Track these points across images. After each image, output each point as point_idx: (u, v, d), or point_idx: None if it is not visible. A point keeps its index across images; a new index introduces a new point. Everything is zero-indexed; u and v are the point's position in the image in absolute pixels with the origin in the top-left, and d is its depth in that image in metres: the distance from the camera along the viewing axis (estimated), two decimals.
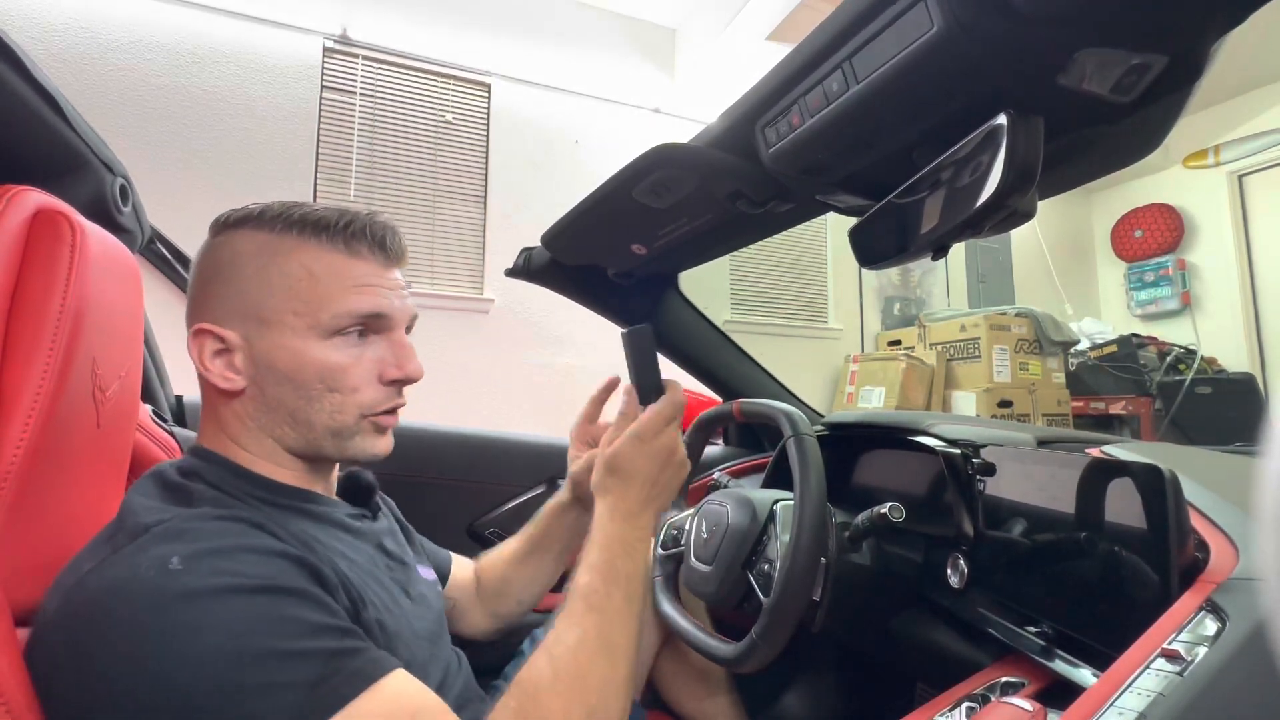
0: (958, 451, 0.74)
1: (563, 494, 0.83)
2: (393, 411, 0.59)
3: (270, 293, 0.53)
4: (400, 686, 0.43)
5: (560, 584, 0.97)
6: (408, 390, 0.60)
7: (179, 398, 1.07)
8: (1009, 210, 0.47)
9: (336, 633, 0.43)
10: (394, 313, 0.57)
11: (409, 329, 0.62)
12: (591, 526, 0.60)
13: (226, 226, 0.56)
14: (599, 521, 0.60)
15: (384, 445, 0.59)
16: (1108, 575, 0.55)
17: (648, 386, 0.66)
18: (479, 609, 0.86)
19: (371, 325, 0.56)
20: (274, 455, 0.56)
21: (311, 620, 0.42)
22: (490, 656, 0.84)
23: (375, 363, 0.56)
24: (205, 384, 0.55)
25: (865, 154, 0.59)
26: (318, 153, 2.72)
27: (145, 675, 0.38)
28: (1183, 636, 0.42)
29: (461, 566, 0.88)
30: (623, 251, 0.97)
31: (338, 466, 0.64)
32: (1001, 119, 0.46)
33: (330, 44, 2.77)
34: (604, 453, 0.62)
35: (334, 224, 0.55)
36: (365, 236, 0.56)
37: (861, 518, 0.72)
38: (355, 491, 0.67)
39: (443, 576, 0.83)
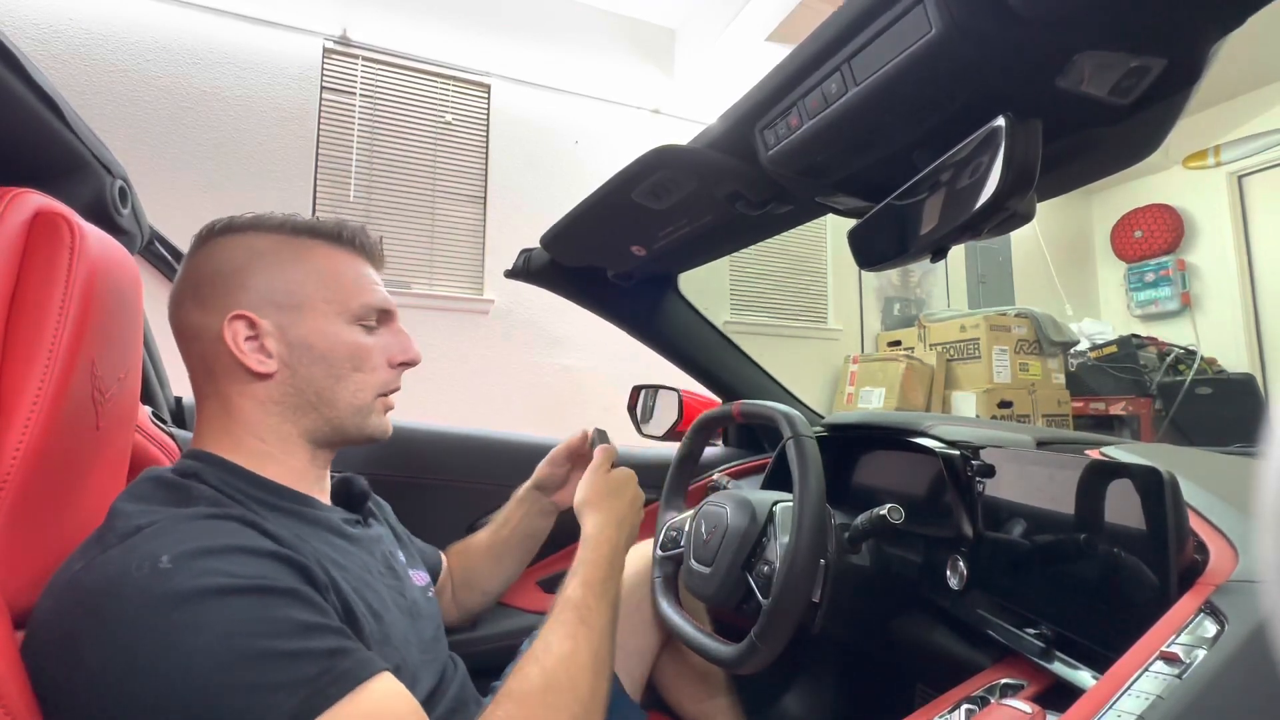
0: (957, 453, 0.74)
1: (523, 487, 0.92)
2: (393, 393, 0.67)
3: (300, 284, 0.59)
4: (385, 689, 0.43)
5: (551, 585, 0.98)
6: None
7: (178, 399, 1.07)
8: (1008, 212, 0.47)
9: (327, 632, 0.43)
10: (395, 308, 0.66)
11: None
12: (582, 539, 0.68)
13: (231, 230, 0.59)
14: (591, 532, 0.68)
15: (389, 425, 0.66)
16: (1107, 577, 0.55)
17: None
18: (444, 598, 0.88)
19: (381, 318, 0.65)
20: (284, 445, 0.58)
21: (302, 620, 0.42)
22: (494, 660, 0.84)
23: (385, 349, 0.64)
24: (217, 377, 0.57)
25: (864, 156, 0.59)
26: (317, 153, 2.72)
27: (135, 675, 0.38)
28: (1182, 639, 0.42)
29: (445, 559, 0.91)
30: (622, 252, 0.97)
31: (329, 475, 0.66)
32: (1000, 121, 0.46)
33: (330, 45, 2.77)
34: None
35: (340, 231, 0.63)
36: (363, 243, 0.65)
37: (861, 519, 0.72)
38: (349, 497, 0.67)
39: (435, 575, 0.84)
